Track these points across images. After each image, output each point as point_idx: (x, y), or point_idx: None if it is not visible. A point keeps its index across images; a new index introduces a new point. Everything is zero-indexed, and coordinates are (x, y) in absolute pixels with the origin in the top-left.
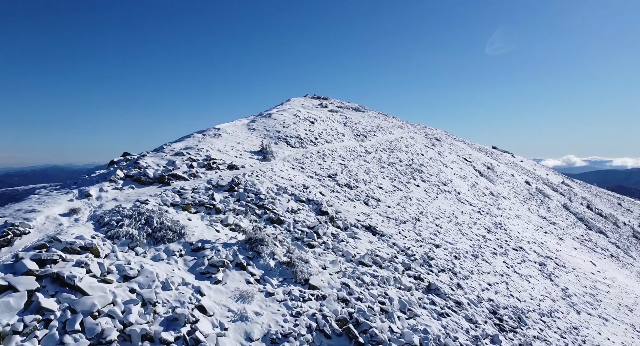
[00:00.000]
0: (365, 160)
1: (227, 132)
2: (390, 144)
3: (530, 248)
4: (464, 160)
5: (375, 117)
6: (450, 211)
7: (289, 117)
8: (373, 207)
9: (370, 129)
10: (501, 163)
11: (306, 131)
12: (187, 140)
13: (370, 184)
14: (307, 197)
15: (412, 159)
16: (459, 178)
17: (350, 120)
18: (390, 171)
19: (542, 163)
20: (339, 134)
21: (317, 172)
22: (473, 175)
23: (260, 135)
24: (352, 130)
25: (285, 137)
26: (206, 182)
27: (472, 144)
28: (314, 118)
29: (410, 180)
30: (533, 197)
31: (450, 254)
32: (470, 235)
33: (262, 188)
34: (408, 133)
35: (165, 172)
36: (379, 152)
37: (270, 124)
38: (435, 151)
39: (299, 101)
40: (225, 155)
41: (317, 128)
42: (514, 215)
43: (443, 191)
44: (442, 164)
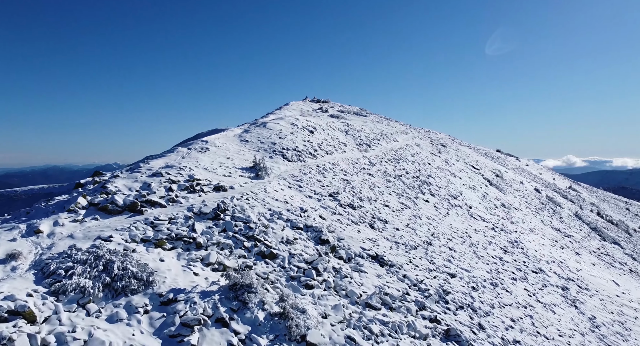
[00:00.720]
0: (370, 174)
1: (215, 145)
2: (395, 154)
3: (550, 269)
4: (471, 167)
5: (377, 122)
6: (463, 229)
7: (286, 126)
8: (380, 230)
9: (374, 137)
10: (508, 169)
11: (305, 142)
12: (169, 155)
13: (375, 202)
14: (305, 223)
15: (419, 170)
16: (468, 189)
17: (353, 128)
18: (396, 185)
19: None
20: (341, 144)
21: (317, 191)
22: (482, 184)
23: (253, 147)
24: (354, 139)
25: (281, 150)
26: (187, 209)
27: (477, 149)
28: (313, 126)
29: (419, 195)
30: (545, 206)
31: (467, 284)
32: (486, 257)
33: (253, 215)
34: (413, 139)
35: (138, 197)
36: (384, 164)
37: (265, 135)
38: (442, 159)
39: (298, 105)
40: (212, 173)
41: (317, 139)
42: (528, 229)
43: (454, 206)
44: (450, 173)
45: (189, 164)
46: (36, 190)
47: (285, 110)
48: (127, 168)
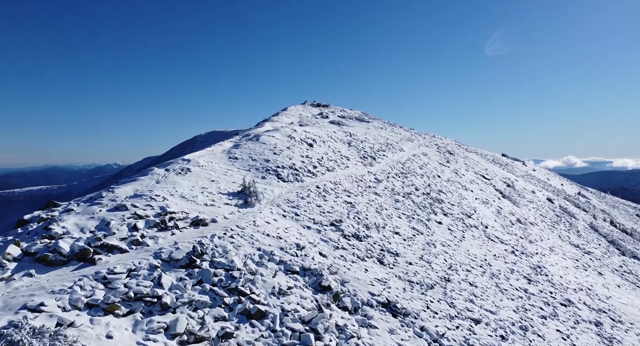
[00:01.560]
0: (376, 193)
1: (199, 164)
2: (402, 167)
3: (579, 299)
4: (482, 177)
5: (381, 129)
6: (481, 256)
7: (282, 139)
8: (390, 266)
9: (379, 148)
10: (518, 176)
11: (303, 157)
12: (141, 180)
13: (384, 230)
14: (301, 265)
15: (429, 185)
16: (481, 204)
17: (356, 138)
18: (406, 205)
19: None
20: (343, 158)
21: (316, 219)
22: (495, 197)
23: (243, 166)
24: (358, 151)
25: (275, 169)
26: (153, 255)
27: (484, 155)
28: (313, 138)
29: (431, 216)
30: (560, 219)
31: (494, 332)
32: (510, 291)
33: (238, 258)
34: (419, 147)
35: (92, 241)
36: (391, 179)
37: (258, 150)
38: (452, 170)
39: (297, 110)
40: (191, 203)
41: (317, 153)
42: (547, 248)
43: (469, 226)
44: (461, 186)
45: (163, 192)
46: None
47: (283, 115)
48: (87, 199)
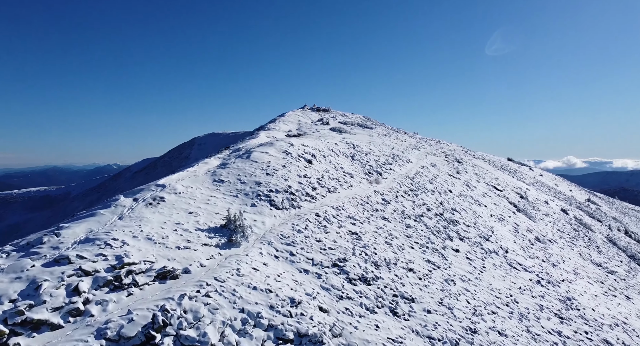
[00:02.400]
0: (385, 218)
1: (175, 191)
2: (411, 182)
3: (617, 339)
4: (494, 188)
5: (385, 136)
6: (505, 290)
7: (276, 156)
8: (405, 316)
9: (385, 161)
10: (528, 184)
11: (300, 177)
12: (100, 215)
13: (396, 267)
14: (296, 329)
15: (442, 203)
16: (497, 221)
17: (359, 150)
18: (418, 231)
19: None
20: (346, 175)
21: (316, 259)
22: (510, 211)
23: (230, 191)
24: (362, 165)
25: (268, 193)
26: (95, 334)
27: (492, 161)
28: (312, 153)
29: (446, 242)
30: (578, 233)
31: None
32: (543, 336)
33: (213, 329)
34: (426, 156)
35: (9, 316)
36: (401, 199)
37: (248, 170)
38: (463, 182)
39: (296, 116)
40: (160, 246)
41: (317, 170)
42: (571, 270)
43: (488, 252)
44: (475, 201)
45: (125, 233)
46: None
47: (280, 122)
48: (23, 245)
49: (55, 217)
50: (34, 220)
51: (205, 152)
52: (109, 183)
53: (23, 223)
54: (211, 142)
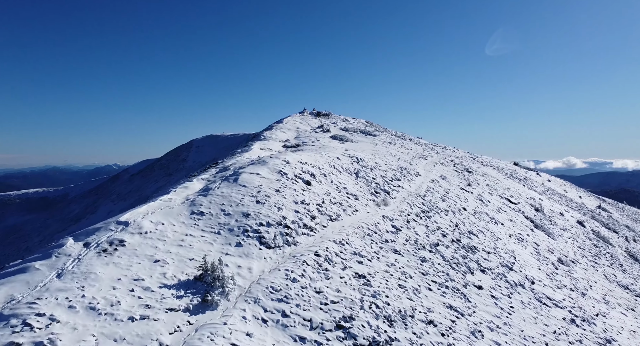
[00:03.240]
0: (396, 250)
1: (141, 230)
2: (423, 201)
3: None
4: (507, 201)
5: (390, 143)
6: (540, 337)
7: (269, 178)
8: None
9: (392, 176)
10: (540, 193)
11: (297, 204)
12: (32, 270)
13: (413, 320)
14: None
15: (457, 225)
16: (517, 242)
17: (364, 164)
18: (435, 266)
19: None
20: (350, 197)
21: (315, 320)
22: (527, 228)
23: (211, 227)
24: (367, 183)
25: (257, 228)
26: None
27: (501, 168)
28: (311, 172)
29: (467, 277)
30: (599, 250)
31: None
32: None
33: None
34: (434, 166)
35: None
36: (412, 223)
37: (235, 198)
38: (475, 196)
39: (294, 123)
40: (104, 321)
41: (316, 194)
42: (601, 298)
43: (513, 286)
44: (490, 219)
45: (56, 304)
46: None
47: (277, 130)
48: None
49: (52, 219)
50: (32, 222)
51: (203, 155)
52: (107, 185)
53: (20, 225)
54: (209, 144)
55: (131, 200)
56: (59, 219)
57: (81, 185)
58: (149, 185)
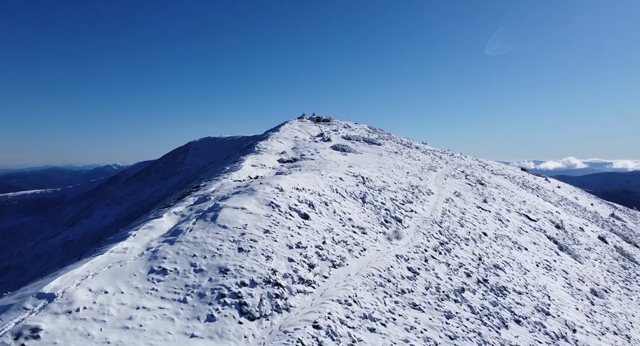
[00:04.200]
0: (414, 305)
1: (71, 307)
2: (440, 229)
3: None
4: (526, 218)
5: (396, 153)
6: None
7: (257, 213)
8: None
9: (403, 198)
10: (555, 204)
11: (292, 249)
12: None
13: None
14: None
15: (480, 257)
16: (546, 272)
17: (371, 185)
18: (464, 324)
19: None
20: (357, 231)
21: None
22: (552, 252)
23: (175, 291)
24: (376, 210)
25: (238, 290)
26: None
27: (512, 177)
28: (309, 201)
29: (502, 335)
30: (629, 273)
31: None
32: None
33: None
34: (445, 179)
35: None
36: (431, 262)
37: (210, 245)
38: (494, 215)
39: (292, 130)
40: None
41: (315, 231)
42: None
43: (555, 340)
44: (513, 243)
45: None
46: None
47: (274, 140)
48: None
49: (48, 221)
50: (29, 224)
51: (201, 157)
52: (104, 187)
53: (17, 227)
54: (207, 147)
55: (126, 204)
56: (54, 223)
57: (79, 187)
58: (145, 188)
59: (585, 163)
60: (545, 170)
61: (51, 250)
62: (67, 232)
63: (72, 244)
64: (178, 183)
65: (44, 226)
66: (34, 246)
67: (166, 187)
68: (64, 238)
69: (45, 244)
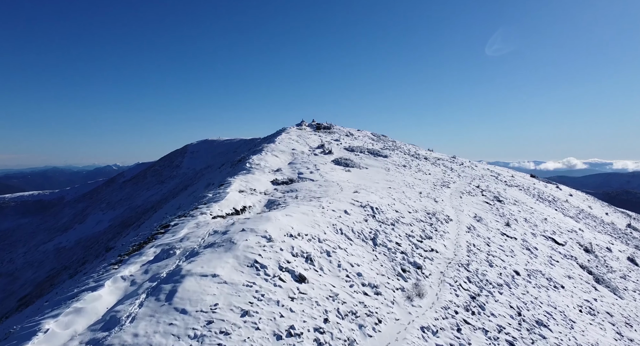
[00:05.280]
0: None
1: None
2: (467, 274)
3: None
4: (553, 242)
5: (404, 167)
6: None
7: (234, 282)
8: None
9: (420, 233)
10: (577, 220)
11: (280, 338)
12: None
13: None
14: None
15: (519, 310)
16: (592, 320)
17: (382, 218)
18: None
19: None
20: (368, 293)
21: None
22: (590, 286)
23: None
24: (390, 255)
25: None
26: None
27: (526, 188)
28: (307, 252)
29: None
30: None
31: None
32: None
33: None
34: (461, 197)
35: None
36: (465, 332)
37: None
38: (520, 243)
39: (290, 141)
40: None
41: (314, 303)
42: None
43: None
44: (548, 282)
45: None
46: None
47: (268, 154)
48: None
49: (45, 224)
50: (24, 227)
51: (198, 161)
52: (101, 190)
53: (13, 230)
54: (204, 150)
55: (121, 209)
56: (48, 227)
57: (77, 188)
58: (140, 192)
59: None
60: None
61: (43, 257)
62: (60, 238)
63: (64, 250)
64: (174, 188)
65: (39, 230)
66: (26, 252)
67: (162, 192)
68: (56, 244)
69: (37, 250)
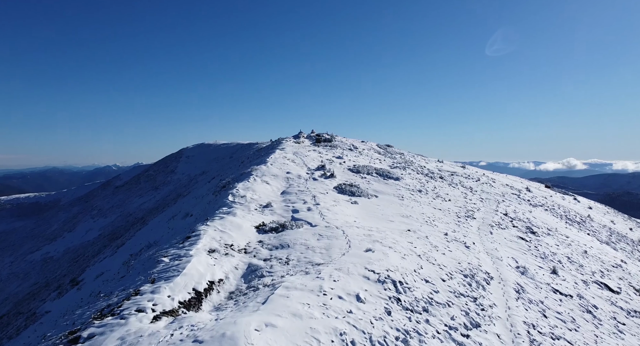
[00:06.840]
0: None
1: None
2: None
3: None
4: (607, 290)
5: (419, 192)
6: None
7: None
8: None
9: (463, 317)
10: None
11: None
12: None
13: None
14: None
15: None
16: None
17: (408, 297)
18: None
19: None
20: None
21: None
22: None
23: None
24: None
25: None
26: None
27: (550, 207)
28: None
29: None
30: None
31: None
32: None
33: None
34: (492, 234)
35: None
36: None
37: None
38: (577, 303)
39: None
40: None
41: None
42: None
43: None
44: None
45: None
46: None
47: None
48: None
49: (38, 228)
50: (18, 231)
51: (193, 166)
52: (96, 193)
53: (7, 234)
54: (200, 154)
55: (113, 217)
56: (39, 234)
57: (74, 191)
58: (133, 199)
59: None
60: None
61: (29, 268)
62: (48, 247)
63: (51, 261)
64: (167, 195)
65: (29, 236)
66: (12, 262)
67: (155, 199)
68: (44, 254)
69: (24, 260)
